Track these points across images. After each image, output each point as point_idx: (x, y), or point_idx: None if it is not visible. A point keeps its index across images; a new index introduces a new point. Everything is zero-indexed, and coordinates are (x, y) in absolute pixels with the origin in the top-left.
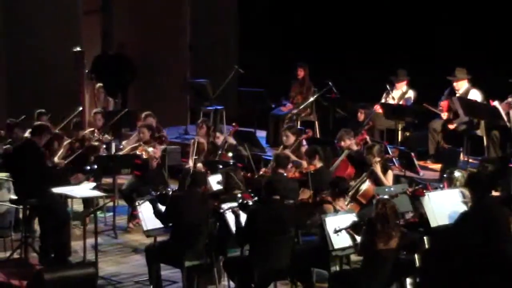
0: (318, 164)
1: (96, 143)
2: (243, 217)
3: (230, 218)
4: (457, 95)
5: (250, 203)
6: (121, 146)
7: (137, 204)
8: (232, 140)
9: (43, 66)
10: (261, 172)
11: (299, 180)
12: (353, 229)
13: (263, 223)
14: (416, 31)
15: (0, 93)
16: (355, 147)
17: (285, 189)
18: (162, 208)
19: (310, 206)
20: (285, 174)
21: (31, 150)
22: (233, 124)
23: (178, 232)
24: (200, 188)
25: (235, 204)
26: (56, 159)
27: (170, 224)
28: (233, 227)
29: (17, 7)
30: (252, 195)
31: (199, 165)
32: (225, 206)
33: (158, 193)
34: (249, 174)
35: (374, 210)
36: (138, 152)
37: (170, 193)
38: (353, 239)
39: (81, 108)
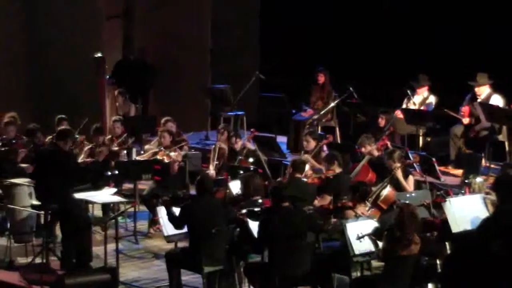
0: (337, 169)
1: (117, 149)
2: (251, 224)
3: (251, 224)
4: (479, 100)
5: (257, 210)
6: (142, 152)
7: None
8: (250, 146)
9: (65, 72)
10: (279, 179)
11: (318, 186)
12: (375, 235)
13: (276, 230)
14: (437, 36)
15: (22, 98)
16: (376, 153)
17: (303, 193)
18: (176, 210)
19: (330, 212)
20: (304, 180)
21: (56, 155)
22: (251, 130)
23: (194, 239)
24: (211, 193)
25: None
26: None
27: (185, 230)
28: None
29: (39, 13)
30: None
31: (212, 171)
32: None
33: (172, 196)
34: (266, 182)
35: (394, 216)
36: (159, 157)
37: (183, 196)
38: (376, 245)
39: (87, 119)
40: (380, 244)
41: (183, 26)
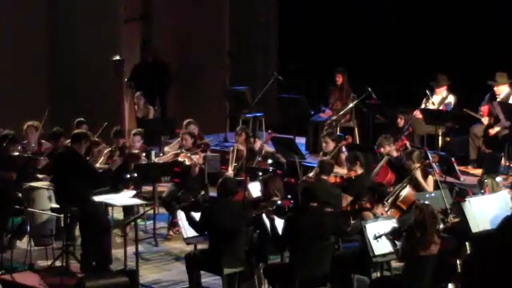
0: (359, 170)
1: (137, 151)
2: (277, 222)
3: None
4: (498, 99)
5: (286, 209)
6: (161, 154)
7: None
8: (268, 148)
9: (84, 75)
10: (304, 178)
11: (340, 186)
12: (393, 235)
13: (302, 230)
14: (456, 35)
15: (42, 101)
16: (395, 154)
17: (328, 195)
18: (196, 215)
19: (348, 214)
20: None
21: (72, 158)
22: (269, 131)
23: (215, 240)
24: (232, 195)
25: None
26: (97, 165)
27: (206, 232)
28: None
29: (59, 17)
30: (292, 201)
31: (230, 172)
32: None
33: (190, 202)
34: (293, 180)
35: (413, 216)
36: (180, 159)
37: (201, 201)
38: (394, 245)
39: (106, 123)
40: (398, 244)
41: (202, 28)
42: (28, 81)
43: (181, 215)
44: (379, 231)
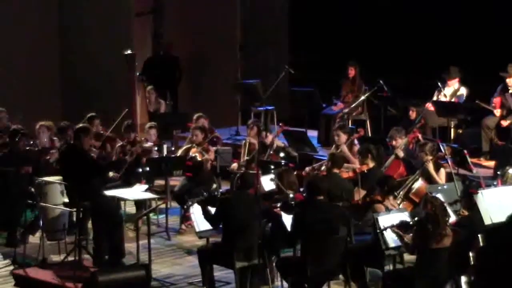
0: (371, 163)
1: (148, 145)
2: (285, 217)
3: (284, 218)
4: (510, 91)
5: (290, 203)
6: (173, 148)
7: (187, 205)
8: (278, 142)
9: (95, 69)
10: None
11: (352, 179)
12: (400, 228)
13: (310, 224)
14: (468, 27)
15: (54, 96)
16: (401, 154)
17: (340, 189)
18: (211, 209)
19: (361, 208)
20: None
21: (74, 154)
22: (280, 124)
23: (228, 234)
24: (249, 189)
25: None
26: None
27: (220, 226)
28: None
29: (71, 11)
30: (304, 195)
31: (234, 165)
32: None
33: (207, 195)
34: (303, 172)
35: (423, 210)
36: (191, 154)
37: (219, 195)
38: (401, 238)
39: (126, 110)
40: (406, 237)
41: (213, 22)
42: (40, 77)
43: (193, 209)
44: (384, 224)
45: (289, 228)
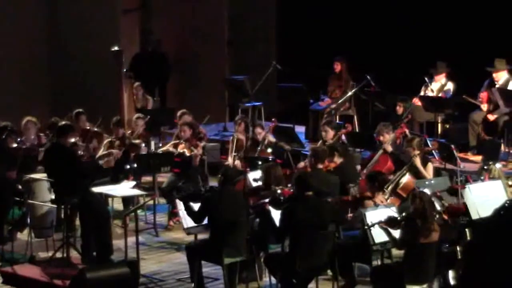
0: (338, 160)
1: (137, 141)
2: (273, 213)
3: (273, 212)
4: (497, 86)
5: (280, 199)
6: (160, 145)
7: (175, 199)
8: (270, 137)
9: (83, 66)
10: (299, 166)
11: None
12: (387, 223)
13: (300, 220)
14: (454, 22)
15: (43, 92)
16: (389, 148)
17: (325, 184)
18: (194, 206)
19: (351, 204)
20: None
21: (59, 153)
22: (272, 119)
23: (216, 230)
24: (234, 184)
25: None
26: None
27: (205, 222)
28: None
29: (59, 8)
30: (292, 191)
31: (237, 162)
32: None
33: (189, 192)
34: (287, 171)
35: (412, 205)
36: (179, 150)
37: (203, 191)
38: (388, 234)
39: (104, 115)
40: (394, 232)
41: (201, 18)
42: (28, 72)
43: (181, 205)
44: (371, 221)
45: (278, 224)
